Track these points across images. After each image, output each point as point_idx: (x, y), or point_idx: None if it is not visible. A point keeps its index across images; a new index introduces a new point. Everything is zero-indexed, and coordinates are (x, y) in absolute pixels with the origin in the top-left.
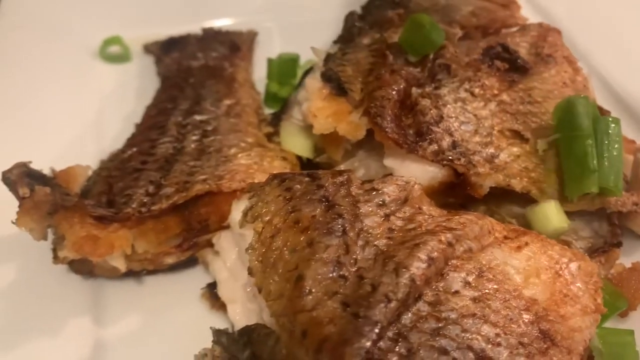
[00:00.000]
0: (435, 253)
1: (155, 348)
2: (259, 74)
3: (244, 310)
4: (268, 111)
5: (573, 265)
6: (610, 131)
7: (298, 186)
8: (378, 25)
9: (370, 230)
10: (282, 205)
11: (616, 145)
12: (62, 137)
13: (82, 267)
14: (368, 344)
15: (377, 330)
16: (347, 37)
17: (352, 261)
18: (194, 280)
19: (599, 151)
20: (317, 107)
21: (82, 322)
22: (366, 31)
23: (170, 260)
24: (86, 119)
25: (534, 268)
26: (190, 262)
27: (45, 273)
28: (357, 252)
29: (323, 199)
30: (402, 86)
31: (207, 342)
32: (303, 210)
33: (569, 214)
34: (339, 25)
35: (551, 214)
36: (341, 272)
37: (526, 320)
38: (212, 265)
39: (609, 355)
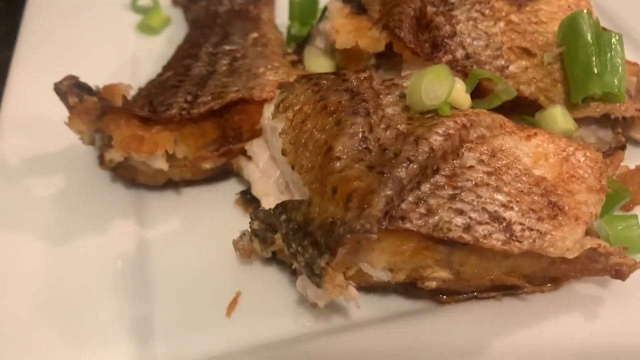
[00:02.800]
0: (452, 130)
1: (195, 244)
2: (280, 20)
3: (276, 200)
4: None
5: (579, 153)
6: (613, 45)
7: (325, 81)
8: None
9: (392, 117)
10: (311, 95)
11: (618, 58)
12: (100, 76)
13: (126, 173)
14: (391, 193)
15: (399, 185)
16: None
17: (375, 138)
18: (227, 191)
19: (602, 60)
20: (339, 24)
21: (127, 223)
22: None
23: (207, 165)
24: (122, 62)
25: (542, 153)
26: (223, 176)
27: (91, 182)
28: (380, 133)
29: (348, 90)
30: (418, 5)
31: None
32: (330, 98)
33: (576, 122)
34: None
35: (558, 116)
36: (366, 145)
37: (536, 192)
38: (246, 169)
39: (615, 237)
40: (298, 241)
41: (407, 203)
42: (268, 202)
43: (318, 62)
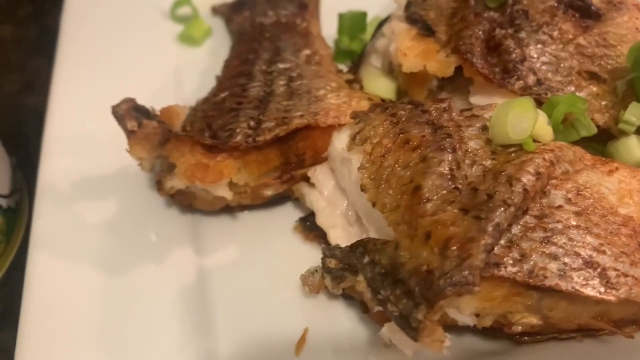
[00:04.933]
0: (542, 169)
1: (254, 274)
2: (324, 31)
3: (344, 233)
4: (339, 66)
5: None
6: None
7: (402, 112)
8: None
9: (475, 152)
10: (389, 128)
11: None
12: (144, 91)
13: (184, 199)
14: (492, 241)
15: (499, 231)
16: None
17: (462, 176)
18: (284, 216)
19: None
20: (406, 46)
21: (184, 252)
22: None
23: (269, 192)
24: (165, 75)
25: (626, 190)
26: (279, 200)
27: (146, 208)
28: (466, 169)
29: (429, 122)
30: (486, 27)
31: (303, 269)
32: (412, 132)
33: None
34: None
35: (634, 147)
36: (455, 184)
37: (625, 234)
38: (308, 196)
39: None
40: (389, 289)
41: (499, 247)
42: (335, 234)
43: (378, 83)
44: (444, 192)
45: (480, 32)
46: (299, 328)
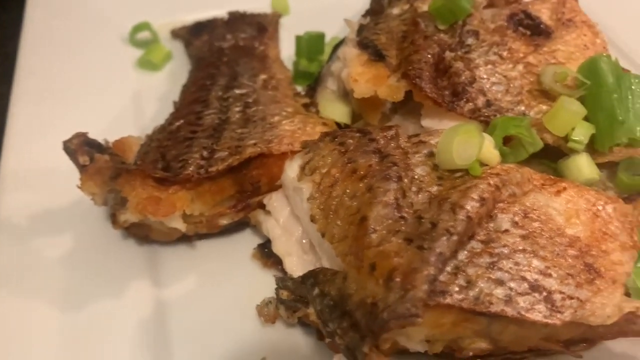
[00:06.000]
0: (486, 194)
1: (213, 304)
2: (284, 53)
3: (300, 261)
4: (298, 87)
5: (609, 207)
6: (633, 87)
7: (350, 141)
8: None
9: (422, 179)
10: (338, 157)
11: (639, 100)
12: (102, 117)
13: (139, 231)
14: (435, 271)
15: (442, 261)
16: (377, 9)
17: (408, 204)
18: (242, 243)
19: (624, 105)
20: (357, 72)
21: (142, 284)
22: (395, 3)
23: (224, 221)
24: (123, 101)
25: (573, 210)
26: (237, 227)
27: (101, 241)
28: (412, 197)
29: (376, 151)
30: (436, 50)
31: (261, 296)
32: (359, 161)
33: (597, 166)
34: (352, 6)
35: (583, 165)
36: (401, 214)
37: (571, 255)
38: (264, 224)
39: None
40: (336, 321)
41: (445, 274)
42: (291, 262)
43: (333, 108)
44: (390, 221)
45: (429, 56)
46: (257, 357)
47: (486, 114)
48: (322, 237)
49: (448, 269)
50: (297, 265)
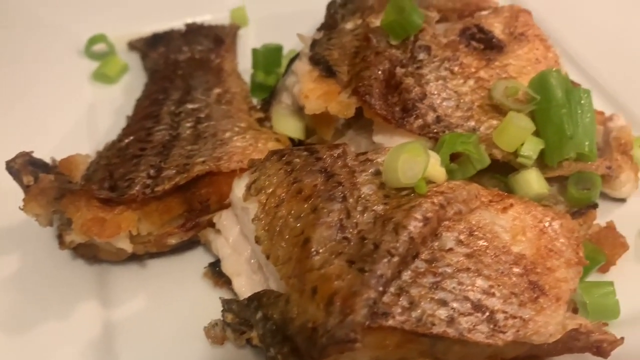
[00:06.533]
0: (430, 213)
1: (163, 325)
2: (242, 65)
3: (248, 281)
4: (255, 100)
5: (555, 223)
6: (582, 101)
7: (297, 160)
8: (359, 12)
9: (368, 197)
10: (283, 177)
11: (588, 114)
12: (55, 132)
13: (87, 252)
14: (375, 294)
15: (382, 283)
16: (331, 23)
17: (353, 224)
18: (194, 261)
19: (573, 120)
20: (308, 88)
21: (90, 305)
22: (348, 17)
23: (173, 240)
24: (77, 114)
25: (520, 227)
26: (189, 245)
27: (50, 261)
28: (357, 217)
29: (322, 170)
30: (387, 66)
31: (212, 317)
32: (304, 181)
33: (547, 180)
34: (314, 17)
35: (532, 180)
36: (344, 235)
37: (516, 273)
38: (214, 243)
39: (592, 305)
40: (277, 346)
41: (388, 295)
42: (239, 283)
43: (287, 123)
44: (333, 243)
45: (379, 72)
46: None
47: (435, 130)
48: (267, 259)
49: (392, 289)
50: (245, 286)
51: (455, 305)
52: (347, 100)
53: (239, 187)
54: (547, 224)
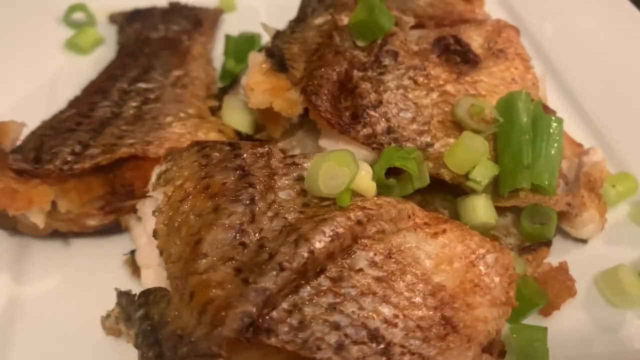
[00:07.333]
0: (342, 229)
1: (70, 309)
2: (220, 51)
3: (156, 275)
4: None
5: (490, 257)
6: (551, 130)
7: (217, 154)
8: (333, 8)
9: (283, 203)
10: (196, 170)
11: (555, 145)
12: (12, 93)
13: (6, 222)
14: (252, 309)
15: (263, 297)
16: (301, 16)
17: (256, 230)
18: (120, 246)
19: (536, 148)
20: (254, 80)
21: (0, 279)
22: (320, 12)
23: (92, 222)
24: (40, 80)
25: (447, 255)
26: (119, 228)
27: None
28: (265, 223)
29: (238, 168)
30: (344, 68)
31: None
32: (215, 177)
33: (502, 210)
34: None
35: (479, 207)
36: (242, 240)
37: (429, 305)
38: (133, 230)
39: (519, 350)
40: (145, 348)
41: (279, 310)
42: (147, 275)
43: (235, 115)
44: (226, 247)
45: (334, 73)
46: None
47: (382, 141)
48: (160, 256)
49: (284, 305)
50: (152, 280)
51: (349, 331)
52: (294, 98)
53: (155, 175)
54: (479, 257)
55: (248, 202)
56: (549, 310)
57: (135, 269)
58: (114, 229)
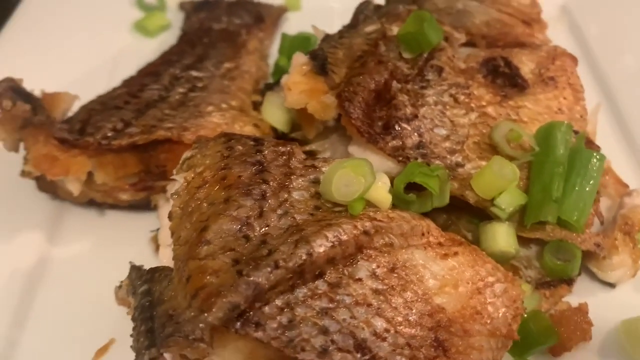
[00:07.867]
0: (345, 236)
1: (94, 275)
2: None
3: (171, 255)
4: None
5: (498, 287)
6: (589, 166)
7: (240, 147)
8: (385, 17)
9: (295, 203)
10: (217, 160)
11: (591, 181)
12: (77, 69)
13: (47, 187)
14: (240, 301)
15: (253, 291)
16: (354, 23)
17: (262, 225)
18: (150, 223)
19: (569, 183)
20: (293, 80)
21: (35, 236)
22: (372, 20)
23: (125, 196)
24: (103, 58)
25: (453, 279)
26: (150, 206)
27: (16, 187)
28: (272, 219)
29: (257, 163)
30: (383, 78)
31: None
32: (233, 169)
33: (527, 240)
34: None
35: (499, 234)
36: (246, 233)
37: (424, 325)
38: (160, 209)
39: None
40: (139, 322)
41: (272, 306)
42: (164, 254)
43: (273, 113)
44: (230, 238)
45: (372, 82)
46: (108, 337)
47: (409, 155)
48: (171, 237)
49: (278, 302)
50: (167, 258)
51: (336, 337)
52: (329, 102)
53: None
54: (487, 285)
55: (259, 197)
56: (559, 350)
57: (158, 246)
58: (146, 205)
